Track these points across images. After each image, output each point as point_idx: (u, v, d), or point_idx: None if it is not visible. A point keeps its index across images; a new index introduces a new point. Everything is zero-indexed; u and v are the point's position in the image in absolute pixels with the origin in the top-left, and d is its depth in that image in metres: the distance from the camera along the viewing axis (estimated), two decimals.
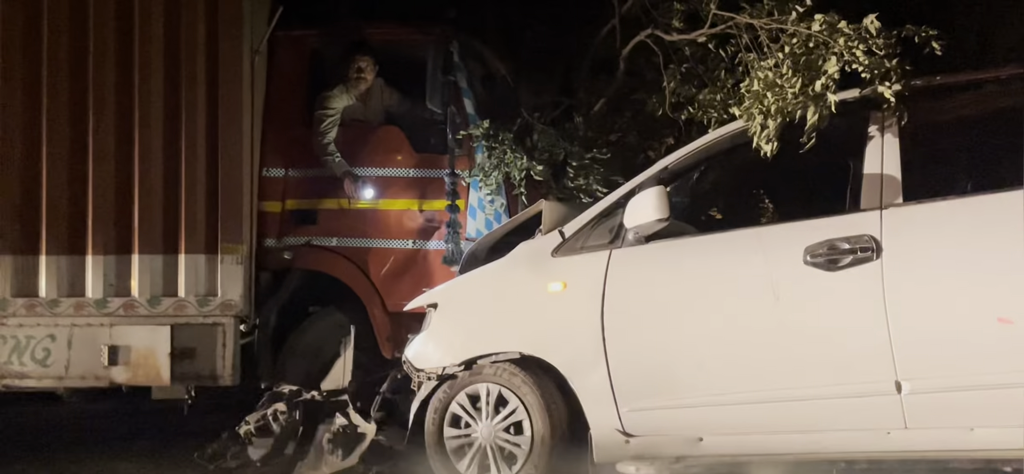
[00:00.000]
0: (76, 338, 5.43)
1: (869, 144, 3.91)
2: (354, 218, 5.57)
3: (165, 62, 5.43)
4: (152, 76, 5.43)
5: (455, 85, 5.52)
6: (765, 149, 4.03)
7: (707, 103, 4.92)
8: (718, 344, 3.93)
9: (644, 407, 4.04)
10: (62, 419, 6.04)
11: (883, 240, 3.72)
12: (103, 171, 5.41)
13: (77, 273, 5.44)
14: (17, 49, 5.45)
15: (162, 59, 5.43)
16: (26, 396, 6.02)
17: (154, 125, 5.42)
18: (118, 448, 5.62)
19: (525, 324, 4.26)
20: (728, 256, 3.99)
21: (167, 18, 5.44)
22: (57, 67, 5.44)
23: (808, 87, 4.00)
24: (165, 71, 5.43)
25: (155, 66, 5.43)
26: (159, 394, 5.54)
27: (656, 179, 4.13)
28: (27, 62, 5.45)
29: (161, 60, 5.42)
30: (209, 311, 5.38)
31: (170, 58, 5.43)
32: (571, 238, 4.23)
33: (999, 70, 3.97)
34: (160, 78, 5.43)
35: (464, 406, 4.30)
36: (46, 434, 5.98)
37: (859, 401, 3.75)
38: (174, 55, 5.43)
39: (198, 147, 5.41)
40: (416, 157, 5.56)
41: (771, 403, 3.85)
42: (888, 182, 3.81)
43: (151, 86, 5.43)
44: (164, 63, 5.43)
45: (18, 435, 6.03)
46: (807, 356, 3.81)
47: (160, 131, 5.42)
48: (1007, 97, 3.98)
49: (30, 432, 6.06)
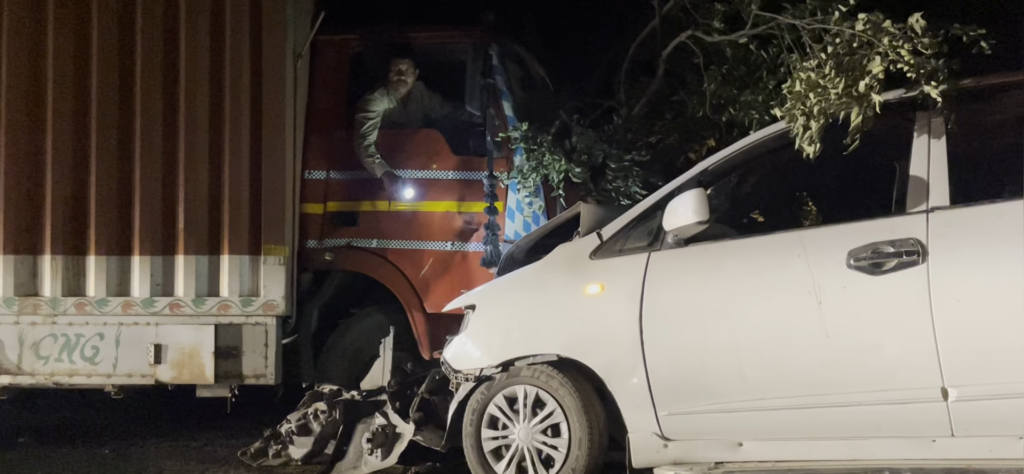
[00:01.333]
0: (124, 337, 5.51)
1: (915, 145, 3.82)
2: (394, 220, 5.59)
3: (210, 67, 5.50)
4: (197, 80, 5.50)
5: (494, 88, 5.51)
6: (808, 150, 3.95)
7: (748, 104, 4.86)
8: (759, 348, 3.87)
9: (683, 411, 4.00)
10: (107, 415, 6.13)
11: (929, 243, 3.64)
12: (149, 173, 5.49)
13: (124, 273, 5.53)
14: (68, 56, 5.55)
15: (207, 64, 5.49)
16: (78, 393, 6.13)
17: (199, 128, 5.49)
18: (163, 445, 5.71)
19: (563, 326, 4.23)
20: (769, 259, 3.93)
21: (212, 23, 5.50)
22: (106, 72, 5.54)
23: (852, 87, 3.92)
24: (210, 75, 5.49)
25: (200, 71, 5.50)
26: (203, 392, 5.59)
27: (696, 181, 4.09)
28: (77, 68, 5.55)
29: (206, 65, 5.49)
30: (252, 311, 5.43)
31: (215, 63, 5.49)
32: (609, 240, 4.19)
33: None
34: (205, 82, 5.49)
35: (502, 408, 4.28)
36: (91, 429, 6.08)
37: (904, 408, 3.67)
38: (218, 59, 5.49)
39: (242, 150, 5.46)
40: (455, 159, 5.57)
41: (813, 409, 3.79)
42: (934, 184, 3.73)
43: (196, 90, 5.50)
44: (209, 68, 5.49)
45: (65, 429, 6.13)
46: (850, 361, 3.74)
47: (205, 134, 5.49)
48: None
49: (76, 427, 6.17)
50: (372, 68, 5.80)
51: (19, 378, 5.53)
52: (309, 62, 5.73)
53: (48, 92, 5.54)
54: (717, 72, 5.08)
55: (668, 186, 4.17)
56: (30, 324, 5.53)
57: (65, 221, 5.53)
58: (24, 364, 5.53)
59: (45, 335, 5.53)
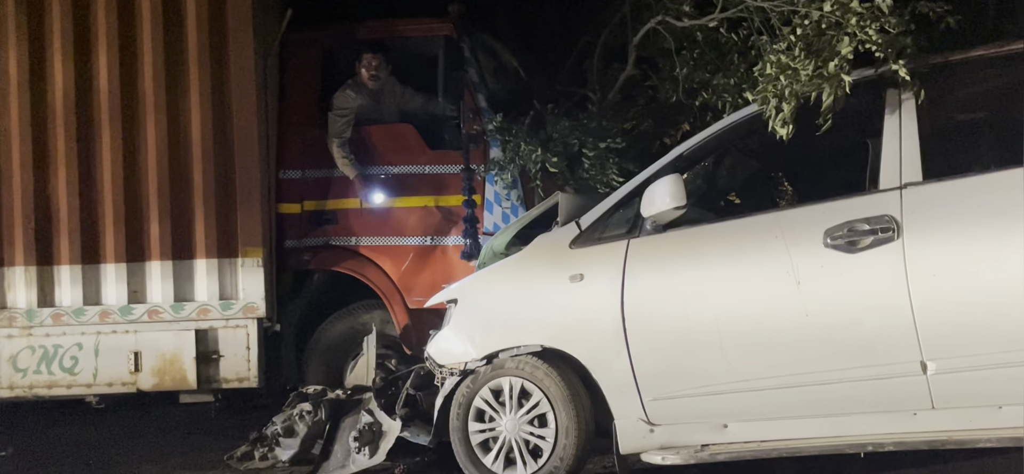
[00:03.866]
0: (103, 346, 5.46)
1: (886, 123, 3.84)
2: (372, 217, 5.55)
3: (173, 67, 5.41)
4: (161, 81, 5.41)
5: (467, 80, 5.48)
6: (781, 132, 3.97)
7: (721, 88, 4.87)
8: (740, 330, 3.88)
9: (667, 395, 4.01)
10: (92, 422, 6.05)
11: (903, 219, 3.66)
12: (116, 178, 5.40)
13: (100, 281, 5.45)
14: (27, 62, 5.44)
15: (170, 64, 5.41)
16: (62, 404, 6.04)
17: (167, 132, 5.41)
18: (148, 451, 5.64)
19: (545, 317, 4.23)
20: (747, 241, 3.94)
21: (176, 24, 5.41)
22: (67, 77, 5.43)
23: (822, 68, 3.93)
24: (174, 75, 5.41)
25: (165, 72, 5.41)
26: (186, 398, 5.56)
27: (672, 167, 4.09)
28: (35, 74, 5.44)
29: (169, 65, 5.41)
30: (232, 315, 5.39)
31: (177, 63, 5.41)
32: (588, 229, 4.20)
33: (1017, 43, 3.87)
34: (171, 84, 5.41)
35: (488, 400, 4.27)
36: (76, 440, 5.99)
37: (884, 383, 3.70)
38: (181, 59, 5.40)
39: (211, 151, 5.38)
40: (431, 154, 5.54)
41: (795, 388, 3.81)
42: (907, 160, 3.74)
43: (161, 92, 5.41)
44: (172, 68, 5.41)
45: (49, 438, 6.04)
46: (830, 339, 3.76)
47: (173, 137, 5.40)
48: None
49: (61, 436, 6.08)
50: (343, 64, 5.73)
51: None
52: (279, 60, 5.66)
53: (10, 100, 5.44)
54: (688, 57, 5.07)
55: (645, 173, 4.17)
56: (6, 337, 5.45)
57: (36, 232, 5.44)
58: (2, 377, 5.45)
59: (22, 347, 5.45)
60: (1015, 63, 3.86)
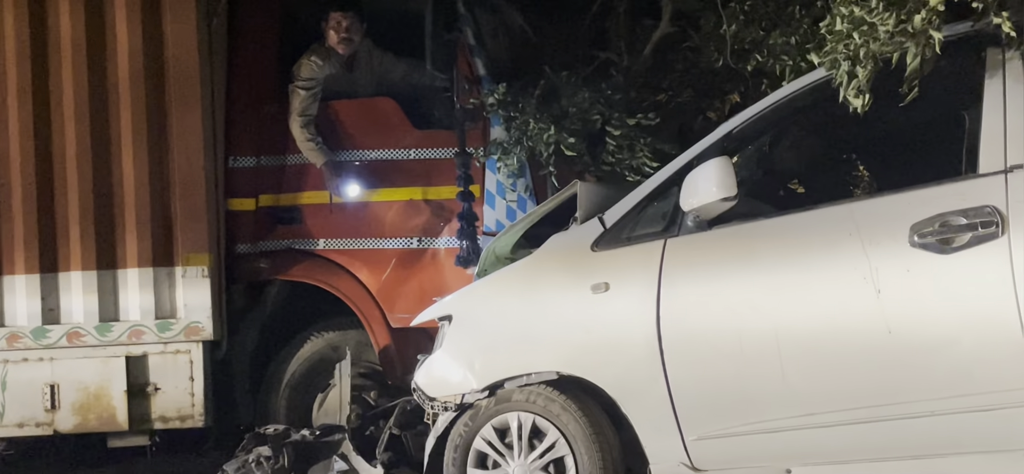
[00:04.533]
0: (11, 377, 5.50)
1: (987, 91, 3.87)
2: (345, 215, 5.63)
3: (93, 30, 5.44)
4: (78, 47, 5.46)
5: (462, 42, 5.53)
6: (854, 104, 3.99)
7: (779, 49, 4.92)
8: (805, 351, 3.91)
9: (715, 434, 4.04)
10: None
11: (1009, 211, 3.69)
12: (26, 170, 5.46)
13: (7, 297, 5.51)
14: None
15: (89, 26, 5.44)
16: None
17: (83, 111, 5.47)
18: None
19: (562, 336, 4.27)
20: (814, 240, 3.97)
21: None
22: None
23: (906, 23, 3.95)
24: (95, 40, 5.45)
25: (82, 34, 5.45)
26: (116, 442, 5.62)
27: (719, 148, 4.13)
28: None
29: (88, 28, 5.44)
30: (171, 337, 5.46)
31: (98, 23, 5.45)
32: (615, 227, 4.24)
33: None
34: (89, 51, 5.46)
35: (490, 441, 4.31)
36: None
37: (987, 415, 3.71)
38: (102, 28, 5.44)
39: (142, 135, 5.43)
40: (417, 135, 5.61)
41: (874, 423, 3.83)
42: (1013, 138, 3.77)
43: (79, 60, 5.46)
44: (92, 31, 5.44)
45: None
46: (919, 362, 3.79)
47: (93, 119, 5.46)
48: None
49: None
50: (306, 25, 5.78)
51: None
52: (227, 23, 5.71)
53: None
54: (738, 10, 5.13)
55: (684, 156, 4.21)
56: None
57: None
58: None
59: None
60: None
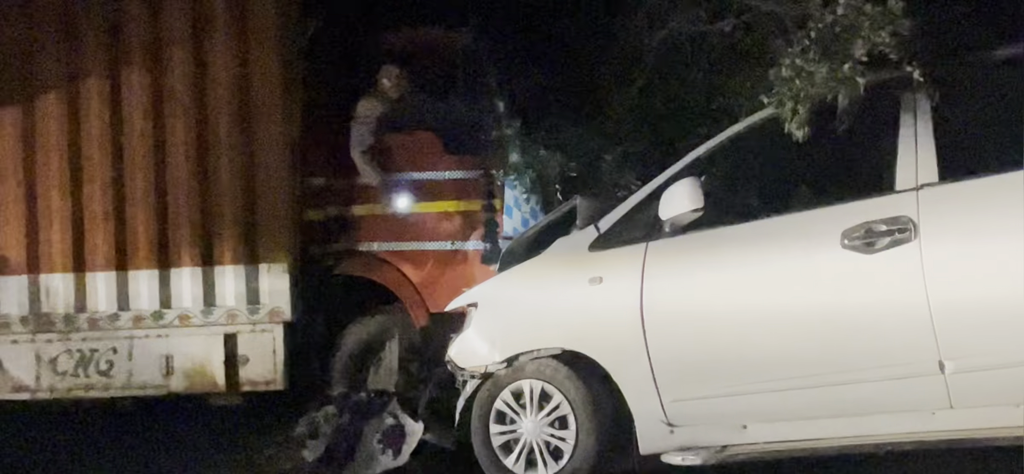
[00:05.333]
0: (136, 350, 5.48)
1: (902, 124, 3.81)
2: (394, 223, 5.56)
3: (198, 82, 5.41)
4: (189, 90, 5.40)
5: (487, 87, 5.46)
6: (797, 134, 3.94)
7: (736, 91, 4.82)
8: (759, 331, 3.84)
9: (687, 397, 3.98)
10: (120, 425, 6.06)
11: (920, 220, 3.62)
12: (147, 186, 5.40)
13: (133, 288, 5.47)
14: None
15: (195, 79, 5.41)
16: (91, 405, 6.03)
17: (192, 140, 5.41)
18: (176, 452, 5.64)
19: (565, 319, 4.20)
20: (765, 243, 3.91)
21: (198, 30, 5.40)
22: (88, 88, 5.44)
23: (836, 71, 3.88)
24: (201, 84, 5.41)
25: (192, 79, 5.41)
26: (215, 400, 5.55)
27: (689, 170, 4.08)
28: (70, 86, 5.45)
29: (194, 80, 5.41)
30: (258, 319, 5.39)
31: (201, 76, 5.41)
32: (607, 232, 4.17)
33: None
34: (197, 92, 5.41)
35: (508, 403, 4.26)
36: (111, 439, 5.99)
37: (903, 383, 3.65)
38: (203, 71, 5.40)
39: (238, 160, 5.38)
40: (451, 159, 5.53)
41: (815, 388, 3.76)
42: (923, 161, 3.71)
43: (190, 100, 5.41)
44: (197, 84, 5.41)
45: (86, 438, 6.02)
46: (849, 340, 3.72)
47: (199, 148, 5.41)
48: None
49: (95, 436, 6.07)
50: (367, 72, 5.71)
51: (38, 394, 5.49)
52: (304, 69, 5.65)
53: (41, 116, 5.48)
54: (705, 61, 5.05)
55: (662, 176, 4.14)
56: (46, 342, 5.45)
57: (73, 241, 5.46)
58: (42, 380, 5.45)
59: (61, 351, 5.45)
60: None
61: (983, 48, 3.90)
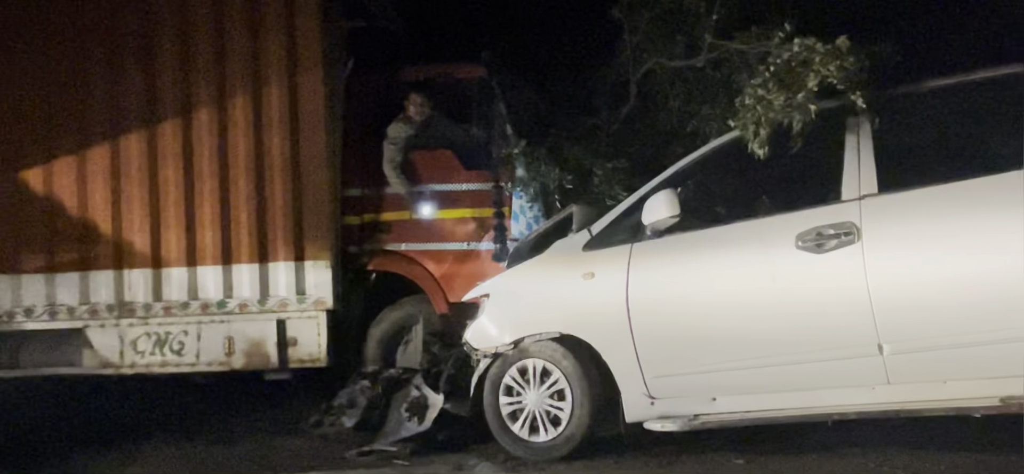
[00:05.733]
0: (204, 332, 5.53)
1: (847, 144, 3.85)
2: (419, 226, 5.60)
3: (256, 105, 5.49)
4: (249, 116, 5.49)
5: (497, 112, 5.52)
6: (759, 153, 4.00)
7: (708, 117, 4.88)
8: (726, 319, 3.89)
9: (665, 374, 4.03)
10: (188, 398, 6.15)
11: (862, 225, 3.67)
12: (213, 194, 5.48)
13: (201, 280, 5.53)
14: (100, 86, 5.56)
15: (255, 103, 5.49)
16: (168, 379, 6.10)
17: (251, 155, 5.46)
18: (239, 418, 5.72)
19: (563, 308, 4.24)
20: (732, 245, 3.96)
21: (255, 76, 5.49)
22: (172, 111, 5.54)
23: (792, 99, 3.95)
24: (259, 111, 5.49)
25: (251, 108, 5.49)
26: (269, 376, 5.62)
27: (668, 182, 4.13)
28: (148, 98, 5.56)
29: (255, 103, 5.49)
30: (306, 307, 5.42)
31: (258, 101, 5.49)
32: (598, 235, 4.23)
33: (957, 76, 3.88)
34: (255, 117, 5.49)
35: (515, 378, 4.30)
36: (183, 404, 6.09)
37: (847, 362, 3.70)
38: (260, 97, 5.48)
39: (288, 173, 5.43)
40: (467, 173, 5.58)
41: (773, 367, 3.81)
42: (865, 176, 3.76)
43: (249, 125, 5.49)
44: (255, 107, 5.49)
45: (144, 408, 6.10)
46: (802, 326, 3.77)
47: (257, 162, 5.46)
48: (964, 99, 3.89)
49: (170, 403, 6.15)
50: (396, 101, 5.79)
51: (122, 369, 5.59)
52: (344, 99, 5.74)
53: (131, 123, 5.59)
54: (681, 91, 5.11)
55: (645, 188, 4.19)
56: (128, 325, 5.59)
57: (152, 239, 5.55)
58: (125, 358, 5.57)
59: (140, 333, 5.58)
60: (956, 93, 3.85)
61: (915, 80, 3.96)
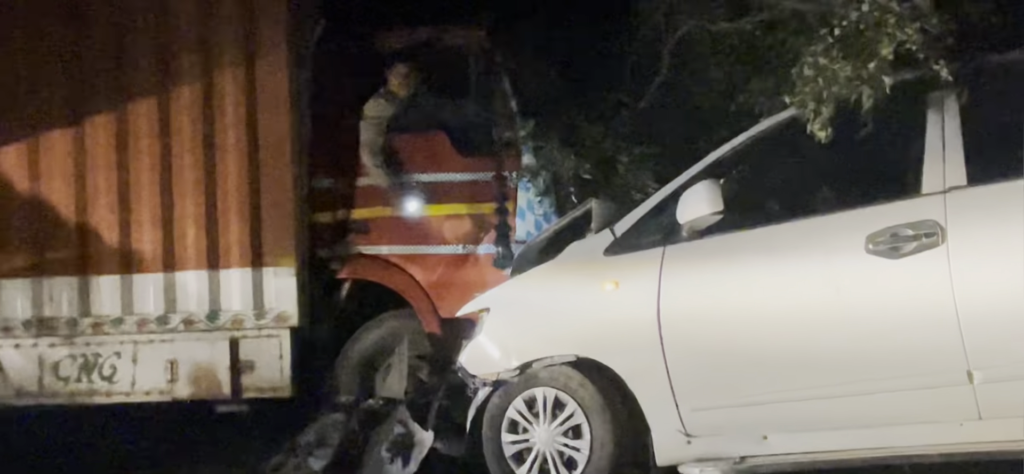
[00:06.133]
0: (141, 354, 5.52)
1: (929, 125, 3.82)
2: (404, 226, 5.60)
3: (205, 85, 5.47)
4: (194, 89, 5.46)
5: (499, 86, 5.49)
6: (819, 135, 3.94)
7: (757, 91, 4.83)
8: (780, 339, 3.86)
9: (705, 406, 3.99)
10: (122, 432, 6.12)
11: (947, 224, 3.62)
12: (152, 187, 5.45)
13: (137, 290, 5.51)
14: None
15: (208, 83, 5.46)
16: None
17: (198, 139, 5.46)
18: (184, 458, 5.69)
19: (579, 326, 4.23)
20: (786, 247, 3.92)
21: (204, 37, 5.46)
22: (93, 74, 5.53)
23: (861, 70, 3.89)
24: (206, 83, 5.47)
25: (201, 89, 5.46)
26: (221, 407, 5.60)
27: (708, 172, 4.10)
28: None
29: (200, 84, 5.46)
30: (265, 324, 5.44)
31: (210, 70, 5.46)
32: (623, 236, 4.20)
33: None
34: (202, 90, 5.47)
35: (521, 411, 4.28)
36: (117, 443, 6.05)
37: (929, 393, 3.65)
38: (214, 66, 5.45)
39: (243, 160, 5.42)
40: (462, 161, 5.56)
41: (837, 398, 3.77)
42: (951, 164, 3.71)
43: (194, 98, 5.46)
44: (203, 89, 5.47)
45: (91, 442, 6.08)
46: (872, 348, 3.72)
47: (205, 146, 5.45)
48: None
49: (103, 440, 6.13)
50: (375, 72, 5.76)
51: (41, 399, 5.55)
52: (312, 69, 5.70)
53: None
54: (724, 61, 5.07)
55: (680, 178, 4.17)
56: (49, 346, 5.52)
57: (73, 242, 5.52)
58: (45, 386, 5.52)
59: (64, 356, 5.52)
60: None
61: (1015, 46, 3.89)
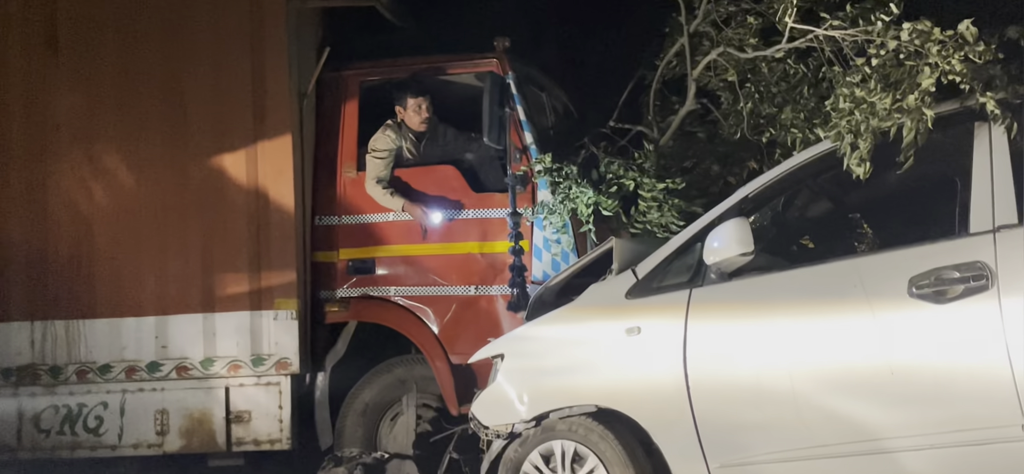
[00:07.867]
0: (128, 405, 5.51)
1: (976, 160, 3.80)
2: (412, 265, 5.60)
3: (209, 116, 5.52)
4: (197, 132, 5.52)
5: (513, 118, 5.51)
6: (857, 171, 3.94)
7: (789, 123, 4.85)
8: (817, 389, 3.83)
9: (736, 462, 3.96)
10: None
11: (998, 266, 3.60)
12: (147, 229, 5.48)
13: (126, 334, 5.51)
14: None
15: (207, 114, 5.51)
16: None
17: (194, 177, 5.49)
18: None
19: (600, 374, 4.21)
20: (823, 291, 3.90)
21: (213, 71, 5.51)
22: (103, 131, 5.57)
23: (901, 102, 3.89)
24: (210, 124, 5.52)
25: (199, 122, 5.52)
26: (215, 461, 5.57)
27: (737, 209, 4.10)
28: None
29: (206, 115, 5.51)
30: (264, 371, 5.42)
31: (215, 108, 5.52)
32: (646, 278, 4.19)
33: None
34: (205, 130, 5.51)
35: (537, 466, 4.25)
36: None
37: (982, 449, 3.61)
38: (217, 105, 5.50)
39: (243, 196, 5.45)
40: (475, 196, 5.58)
41: (881, 454, 3.74)
42: (1000, 201, 3.69)
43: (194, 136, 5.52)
44: (209, 117, 5.51)
45: None
46: (918, 401, 3.69)
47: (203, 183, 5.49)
48: None
49: None
50: (383, 104, 5.80)
51: (19, 453, 5.52)
52: (315, 101, 5.74)
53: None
54: (753, 90, 5.07)
55: (707, 216, 4.17)
56: (29, 396, 5.51)
57: (63, 284, 5.53)
58: (24, 439, 5.50)
59: (45, 407, 5.51)
60: None
61: None
